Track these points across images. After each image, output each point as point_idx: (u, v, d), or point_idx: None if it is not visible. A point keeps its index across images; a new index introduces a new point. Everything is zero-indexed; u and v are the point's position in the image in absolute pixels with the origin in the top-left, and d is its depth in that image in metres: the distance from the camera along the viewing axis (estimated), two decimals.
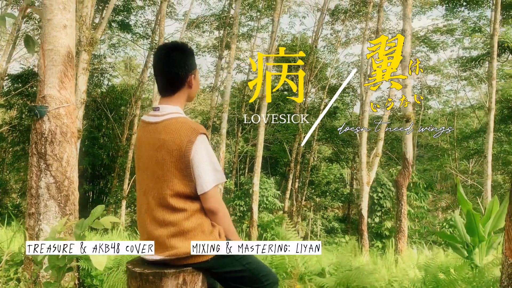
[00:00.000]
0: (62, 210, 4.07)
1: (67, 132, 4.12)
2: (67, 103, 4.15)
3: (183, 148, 2.26)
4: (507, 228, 3.08)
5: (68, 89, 4.18)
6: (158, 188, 2.33)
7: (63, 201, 4.07)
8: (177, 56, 2.42)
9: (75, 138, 4.25)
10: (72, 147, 4.18)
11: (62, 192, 4.07)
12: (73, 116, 4.23)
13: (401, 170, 8.52)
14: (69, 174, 4.13)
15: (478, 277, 3.66)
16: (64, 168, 4.08)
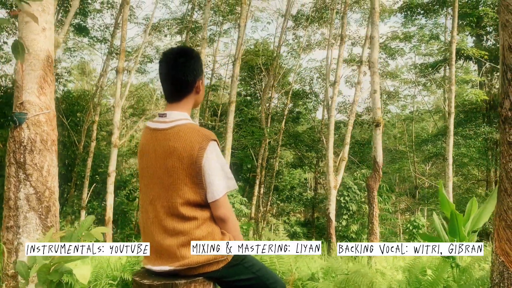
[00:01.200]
0: (43, 222, 3.88)
1: (48, 140, 3.94)
2: (47, 110, 3.97)
3: (195, 155, 2.21)
4: (497, 228, 3.17)
5: (48, 95, 4.01)
6: (168, 197, 2.26)
7: (44, 212, 3.89)
8: (185, 62, 2.37)
9: (56, 146, 4.07)
10: (52, 156, 4.00)
11: (43, 203, 3.89)
12: (54, 123, 4.06)
13: (371, 174, 8.67)
14: (49, 184, 3.96)
15: (466, 276, 3.76)
16: (45, 177, 3.91)
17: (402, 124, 29.01)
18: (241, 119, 24.23)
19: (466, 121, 19.25)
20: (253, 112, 24.73)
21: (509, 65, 3.08)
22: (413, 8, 19.33)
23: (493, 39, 19.53)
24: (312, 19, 23.64)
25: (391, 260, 7.01)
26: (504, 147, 3.10)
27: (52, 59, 4.07)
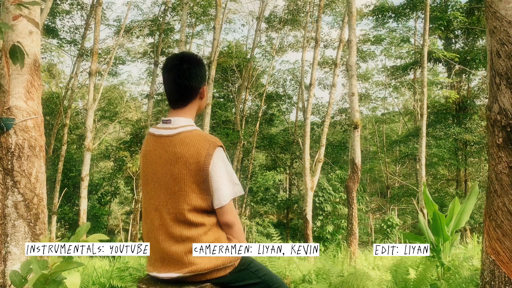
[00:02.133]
0: (32, 230, 3.79)
1: (36, 146, 3.85)
2: (35, 115, 3.88)
3: (202, 161, 2.21)
4: (487, 228, 3.28)
5: (35, 99, 3.92)
6: (174, 203, 2.25)
7: (33, 220, 3.79)
8: (190, 68, 2.36)
9: (44, 152, 3.98)
10: (40, 162, 3.92)
11: (32, 211, 3.79)
12: (41, 129, 3.97)
13: (350, 175, 8.79)
14: (38, 191, 3.86)
15: (455, 275, 3.87)
16: (33, 184, 3.81)
17: (373, 126, 29.54)
18: (215, 122, 24.17)
19: (436, 122, 19.76)
20: (227, 114, 24.70)
21: (497, 70, 3.20)
22: (384, 11, 19.73)
23: (462, 42, 20.15)
24: (285, 21, 23.79)
25: (371, 260, 7.12)
26: (494, 149, 3.21)
27: (39, 63, 3.99)
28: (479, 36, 19.14)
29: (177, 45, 23.98)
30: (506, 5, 3.19)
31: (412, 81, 21.88)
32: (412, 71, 21.85)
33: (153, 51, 23.45)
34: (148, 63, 26.41)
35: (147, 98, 21.82)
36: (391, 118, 27.92)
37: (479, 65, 18.50)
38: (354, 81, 8.86)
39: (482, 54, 17.98)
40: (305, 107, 14.07)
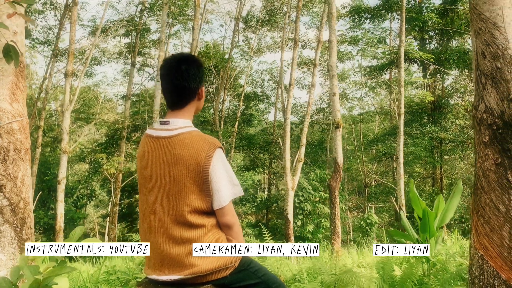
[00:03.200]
0: (19, 235, 3.71)
1: (21, 149, 3.77)
2: (20, 117, 3.80)
3: (201, 162, 2.20)
4: (475, 224, 3.36)
5: (20, 101, 3.84)
6: (174, 205, 2.23)
7: (19, 225, 3.71)
8: (188, 69, 2.35)
9: (29, 155, 3.91)
10: (26, 165, 3.84)
11: (18, 215, 3.71)
12: (27, 131, 3.89)
13: (333, 174, 8.87)
14: (24, 195, 3.78)
15: (442, 270, 3.95)
16: (19, 188, 3.73)
17: (350, 125, 29.88)
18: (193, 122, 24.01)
19: (412, 121, 20.12)
20: (205, 115, 24.59)
21: (483, 70, 3.28)
22: (361, 12, 19.98)
23: (436, 42, 20.57)
24: (263, 22, 23.85)
25: (355, 258, 7.20)
26: (480, 147, 3.29)
27: (24, 64, 3.91)
28: (452, 37, 19.59)
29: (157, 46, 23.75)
30: (491, 7, 3.28)
31: (388, 80, 22.22)
32: (388, 71, 22.18)
33: (129, 52, 23.20)
34: (124, 64, 26.16)
35: (124, 99, 21.54)
36: (368, 118, 28.30)
37: (453, 65, 18.94)
38: (335, 81, 8.94)
39: (456, 54, 18.42)
40: (285, 107, 14.13)
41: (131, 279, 4.07)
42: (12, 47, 2.26)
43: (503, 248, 3.13)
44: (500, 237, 3.14)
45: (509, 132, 3.14)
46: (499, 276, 3.12)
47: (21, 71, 3.85)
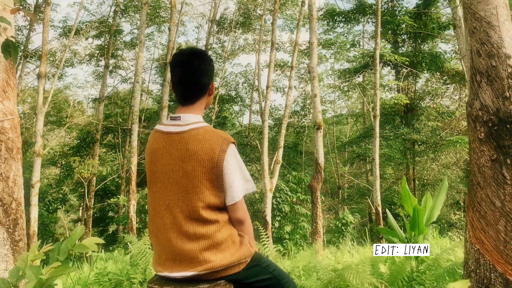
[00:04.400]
0: (11, 236, 3.60)
1: (13, 148, 3.66)
2: (12, 115, 3.69)
3: (215, 158, 2.19)
4: (470, 219, 3.44)
5: (11, 99, 3.73)
6: (187, 201, 2.21)
7: (12, 226, 3.60)
8: (200, 64, 2.34)
9: (21, 155, 3.80)
10: (18, 165, 3.73)
11: (10, 216, 3.60)
12: (18, 130, 3.78)
13: (314, 175, 8.94)
14: (16, 195, 3.67)
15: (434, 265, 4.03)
16: (11, 188, 3.62)
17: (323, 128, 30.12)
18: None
19: (385, 123, 20.48)
20: None
21: (478, 68, 3.37)
22: (335, 16, 20.23)
23: (409, 45, 21.02)
24: (237, 24, 23.86)
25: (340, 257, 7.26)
26: (475, 144, 3.38)
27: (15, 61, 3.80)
28: (425, 40, 20.08)
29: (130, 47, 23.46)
30: (485, 7, 3.38)
31: (362, 83, 22.56)
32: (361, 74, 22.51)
33: (101, 54, 22.80)
34: (96, 66, 25.71)
35: (98, 101, 21.15)
36: (342, 121, 28.68)
37: (425, 68, 19.41)
38: (316, 82, 9.02)
39: (428, 57, 18.88)
40: (263, 109, 14.17)
41: (124, 280, 3.99)
42: (12, 43, 2.19)
43: (498, 242, 3.21)
44: (496, 231, 3.22)
45: (504, 128, 3.23)
46: (495, 269, 3.20)
47: (12, 68, 3.74)
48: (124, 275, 4.00)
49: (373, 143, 14.16)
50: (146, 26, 24.19)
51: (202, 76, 2.34)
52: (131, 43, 24.89)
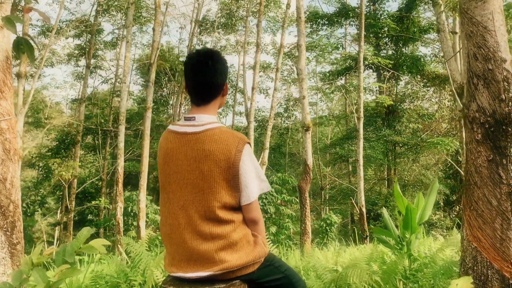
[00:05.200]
0: (9, 239, 3.54)
1: (10, 149, 3.60)
2: (9, 116, 3.64)
3: (232, 158, 2.20)
4: (467, 218, 3.52)
5: (8, 99, 3.67)
6: (203, 201, 2.21)
7: (9, 228, 3.54)
8: (214, 64, 2.35)
9: (18, 156, 3.74)
10: (15, 166, 3.67)
11: (8, 219, 3.54)
12: (15, 131, 3.72)
13: (303, 176, 8.99)
14: (14, 197, 3.61)
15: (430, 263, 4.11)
16: (8, 190, 3.56)
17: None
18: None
19: (368, 125, 20.71)
20: (161, 119, 24.19)
21: (475, 71, 3.46)
22: (319, 19, 20.41)
23: (391, 48, 21.33)
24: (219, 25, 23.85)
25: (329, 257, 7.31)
26: (472, 145, 3.47)
27: (11, 60, 3.74)
28: (406, 43, 20.41)
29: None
30: (482, 12, 3.47)
31: (344, 85, 22.79)
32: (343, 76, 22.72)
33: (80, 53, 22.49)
34: (75, 66, 25.35)
35: (79, 102, 20.84)
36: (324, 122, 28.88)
37: (406, 71, 19.72)
38: (304, 84, 9.09)
39: (409, 60, 19.20)
40: (248, 110, 14.19)
41: (122, 282, 3.95)
42: (25, 40, 2.15)
43: (495, 240, 3.30)
44: (493, 229, 3.31)
45: (500, 130, 3.32)
46: (492, 266, 3.29)
47: (8, 67, 3.69)
48: (122, 277, 3.96)
49: (357, 144, 14.32)
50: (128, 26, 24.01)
51: (217, 76, 2.35)
52: (112, 43, 24.63)
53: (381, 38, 20.50)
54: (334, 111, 32.50)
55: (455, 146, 16.86)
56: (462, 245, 3.59)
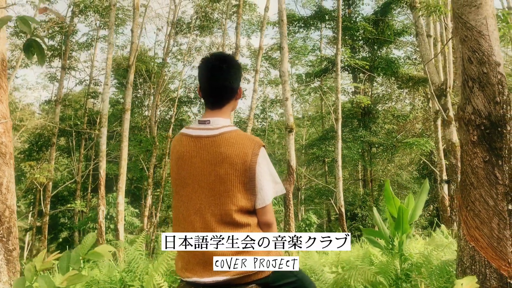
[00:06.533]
0: (5, 245, 3.44)
1: (6, 153, 3.51)
2: (4, 119, 3.54)
3: (248, 161, 2.20)
4: (464, 218, 3.61)
5: (3, 102, 3.57)
6: (220, 204, 2.20)
7: (6, 234, 3.44)
8: (229, 68, 2.35)
9: (13, 160, 3.64)
10: (11, 171, 3.57)
11: (4, 225, 3.44)
12: (11, 134, 3.63)
13: (286, 177, 9.03)
14: (9, 202, 3.52)
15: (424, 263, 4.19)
16: (4, 195, 3.46)
17: (281, 130, 30.46)
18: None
19: (344, 126, 20.95)
20: (137, 120, 23.90)
21: (470, 74, 3.55)
22: (295, 21, 20.56)
23: (366, 51, 21.66)
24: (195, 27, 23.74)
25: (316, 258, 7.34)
26: (468, 146, 3.56)
27: (6, 62, 3.64)
28: (381, 46, 20.77)
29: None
30: (476, 17, 3.57)
31: (320, 87, 22.99)
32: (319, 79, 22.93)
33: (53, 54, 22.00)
34: (49, 67, 24.78)
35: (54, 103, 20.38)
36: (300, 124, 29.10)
37: (381, 73, 20.07)
38: (287, 86, 9.13)
39: (384, 62, 19.54)
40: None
41: (118, 287, 3.88)
42: (35, 42, 2.10)
43: (493, 239, 3.39)
44: (490, 229, 3.40)
45: (496, 131, 3.42)
46: (490, 265, 3.38)
47: (4, 70, 3.59)
48: (117, 282, 3.89)
49: (336, 145, 14.45)
50: (103, 27, 23.66)
51: (232, 80, 2.35)
52: (86, 44, 24.18)
53: (356, 40, 20.80)
54: (309, 112, 32.78)
55: (430, 146, 17.22)
56: (459, 245, 3.68)
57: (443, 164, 13.21)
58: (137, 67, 22.23)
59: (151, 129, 20.52)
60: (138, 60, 23.14)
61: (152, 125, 20.23)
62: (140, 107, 28.27)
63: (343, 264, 6.01)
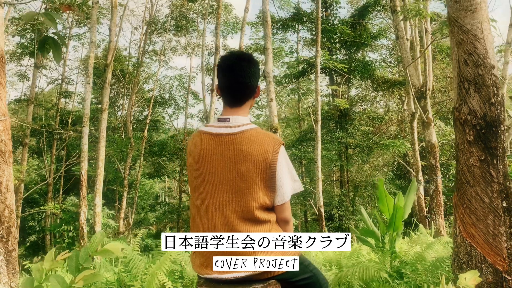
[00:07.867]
0: (5, 246, 3.37)
1: (5, 151, 3.43)
2: (4, 117, 3.47)
3: (269, 158, 2.24)
4: (460, 215, 3.73)
5: (2, 99, 3.50)
6: (241, 201, 2.23)
7: (5, 235, 3.37)
8: (249, 67, 2.38)
9: (12, 158, 3.57)
10: (10, 169, 3.50)
11: (3, 224, 3.37)
12: (10, 132, 3.55)
13: None
14: (9, 201, 3.44)
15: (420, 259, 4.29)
16: (4, 194, 3.39)
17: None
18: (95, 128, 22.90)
19: (321, 127, 21.17)
20: (110, 120, 23.54)
21: (465, 76, 3.67)
22: (273, 23, 20.65)
23: (344, 53, 21.97)
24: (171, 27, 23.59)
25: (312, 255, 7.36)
26: (464, 145, 3.67)
27: (4, 58, 3.56)
28: (358, 48, 21.11)
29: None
30: (471, 21, 3.69)
31: (298, 88, 23.16)
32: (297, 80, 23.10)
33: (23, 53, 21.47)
34: (18, 65, 24.18)
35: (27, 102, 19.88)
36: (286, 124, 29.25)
37: (357, 75, 20.39)
38: (271, 87, 9.18)
39: (361, 65, 19.88)
40: (208, 112, 14.12)
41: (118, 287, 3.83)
42: (51, 39, 2.07)
43: (488, 235, 3.51)
44: (486, 225, 3.53)
45: (491, 131, 3.55)
46: (486, 261, 3.50)
47: (2, 66, 3.51)
48: (115, 283, 3.84)
49: (315, 146, 14.58)
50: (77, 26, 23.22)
51: (251, 78, 2.38)
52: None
53: (333, 43, 21.08)
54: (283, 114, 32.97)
55: (406, 148, 17.59)
56: (455, 241, 3.79)
57: (419, 165, 13.53)
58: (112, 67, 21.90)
59: (126, 129, 20.24)
60: (114, 60, 22.84)
61: (128, 126, 19.95)
62: (112, 107, 27.86)
63: (330, 263, 6.07)
